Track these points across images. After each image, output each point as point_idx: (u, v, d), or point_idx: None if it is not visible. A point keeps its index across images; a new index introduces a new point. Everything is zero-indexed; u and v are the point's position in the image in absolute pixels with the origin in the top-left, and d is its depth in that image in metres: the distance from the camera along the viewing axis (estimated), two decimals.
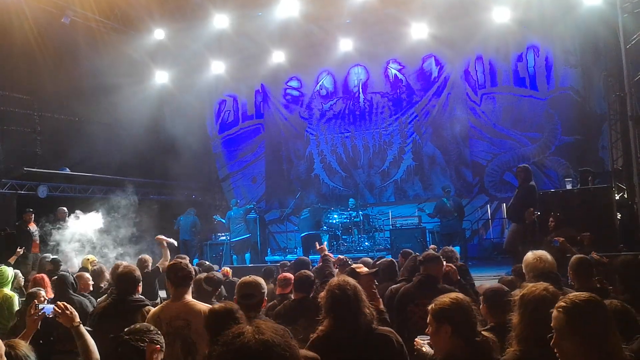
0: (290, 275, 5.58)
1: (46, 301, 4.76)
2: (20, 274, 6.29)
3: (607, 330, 2.26)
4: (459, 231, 12.74)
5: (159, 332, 2.77)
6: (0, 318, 5.63)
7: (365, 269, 4.27)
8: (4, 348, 2.49)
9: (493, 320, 3.62)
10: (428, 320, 2.96)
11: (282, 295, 5.29)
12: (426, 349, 3.24)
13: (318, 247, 6.17)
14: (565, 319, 2.28)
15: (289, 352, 1.66)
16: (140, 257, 7.56)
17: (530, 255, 4.28)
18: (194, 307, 3.78)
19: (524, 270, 4.29)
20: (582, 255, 4.21)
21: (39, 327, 4.34)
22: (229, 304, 3.31)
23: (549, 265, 4.14)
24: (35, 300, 4.47)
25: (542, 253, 4.27)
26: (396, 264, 6.33)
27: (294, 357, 1.68)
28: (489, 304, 3.69)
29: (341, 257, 6.49)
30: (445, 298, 2.95)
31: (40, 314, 3.47)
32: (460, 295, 3.04)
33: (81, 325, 3.35)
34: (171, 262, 4.29)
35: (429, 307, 2.98)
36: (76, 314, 3.39)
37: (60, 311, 3.37)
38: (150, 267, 7.43)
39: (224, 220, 14.44)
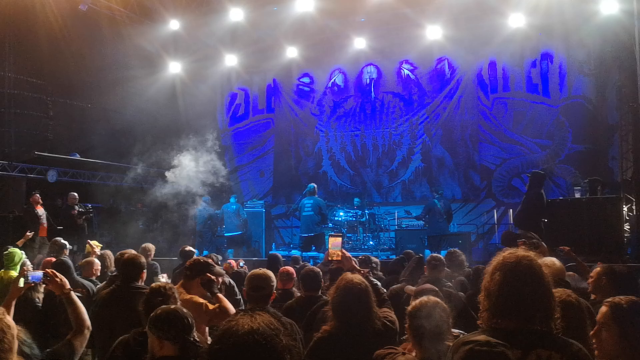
0: (292, 269, 5.41)
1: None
2: (28, 262, 6.23)
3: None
4: (446, 234, 12.31)
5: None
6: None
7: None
8: (16, 330, 2.51)
9: None
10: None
11: (284, 290, 5.04)
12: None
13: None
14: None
15: (270, 344, 1.67)
16: (143, 245, 7.58)
17: None
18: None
19: None
20: None
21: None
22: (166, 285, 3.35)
23: (553, 271, 4.07)
24: (25, 269, 4.48)
25: (548, 260, 4.20)
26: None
27: (275, 348, 1.69)
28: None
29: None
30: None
31: (29, 281, 3.40)
32: None
33: (72, 292, 3.33)
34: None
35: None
36: (66, 281, 3.36)
37: (49, 278, 3.33)
38: (152, 256, 7.49)
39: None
